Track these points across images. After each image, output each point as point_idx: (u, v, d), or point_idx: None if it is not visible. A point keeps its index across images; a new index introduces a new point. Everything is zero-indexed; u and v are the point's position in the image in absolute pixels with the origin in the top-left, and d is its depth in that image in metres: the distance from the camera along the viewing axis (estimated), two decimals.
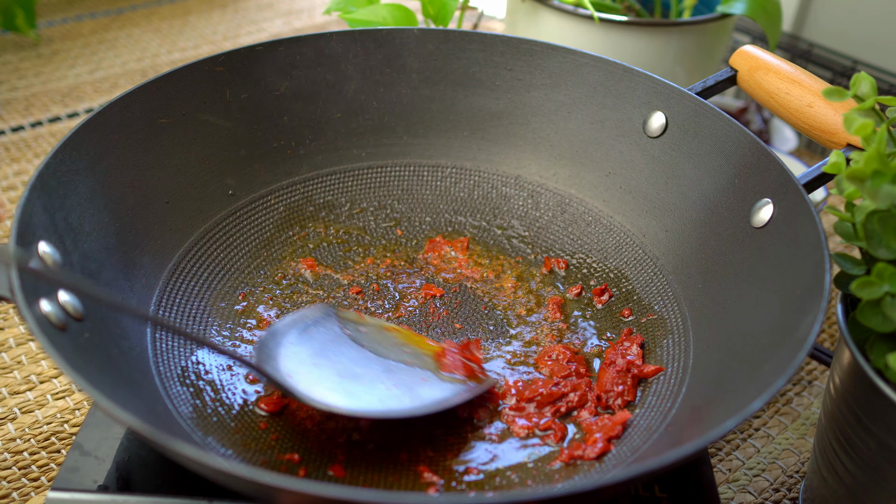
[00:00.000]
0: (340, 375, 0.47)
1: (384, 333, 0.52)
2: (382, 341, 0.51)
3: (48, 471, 0.53)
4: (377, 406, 0.46)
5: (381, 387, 0.47)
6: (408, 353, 0.51)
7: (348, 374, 0.48)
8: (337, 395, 0.46)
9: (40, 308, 0.40)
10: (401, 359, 0.50)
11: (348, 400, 0.46)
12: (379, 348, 0.51)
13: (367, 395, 0.47)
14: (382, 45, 0.63)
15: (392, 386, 0.48)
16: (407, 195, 0.65)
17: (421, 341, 0.53)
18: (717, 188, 0.55)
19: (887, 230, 0.41)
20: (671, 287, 0.56)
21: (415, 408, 0.47)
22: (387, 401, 0.46)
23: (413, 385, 0.48)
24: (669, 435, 0.46)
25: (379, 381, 0.48)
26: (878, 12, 0.97)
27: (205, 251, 0.57)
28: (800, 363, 0.39)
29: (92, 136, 0.51)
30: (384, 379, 0.48)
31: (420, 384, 0.48)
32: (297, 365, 0.47)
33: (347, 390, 0.46)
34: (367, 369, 0.49)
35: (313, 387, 0.46)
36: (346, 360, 0.49)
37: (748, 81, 0.58)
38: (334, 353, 0.49)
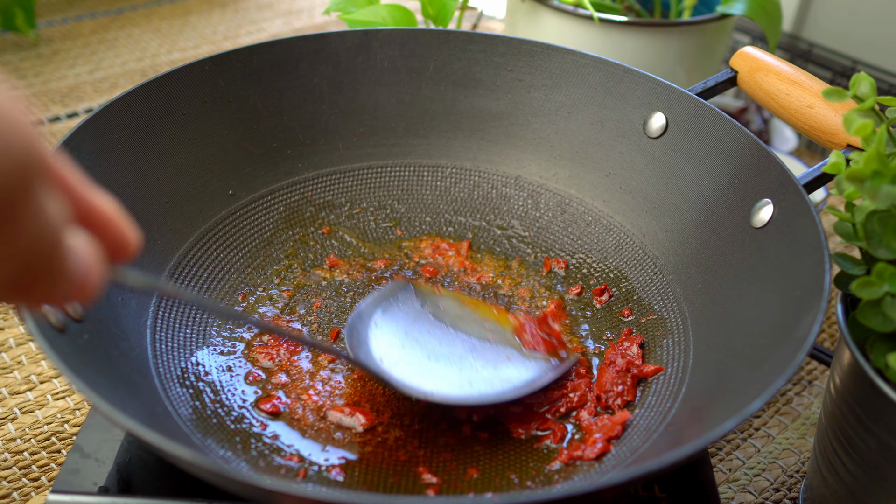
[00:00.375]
0: (429, 358, 0.48)
1: (463, 307, 0.53)
2: (462, 316, 0.52)
3: (48, 471, 0.53)
4: (468, 390, 0.47)
5: (469, 369, 0.48)
6: (489, 328, 0.51)
7: (436, 355, 0.48)
8: (429, 379, 0.46)
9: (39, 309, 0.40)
10: (483, 336, 0.51)
11: (438, 384, 0.46)
12: (461, 324, 0.51)
13: (457, 377, 0.47)
14: (382, 46, 0.63)
15: (479, 367, 0.48)
16: (407, 195, 0.65)
17: (500, 315, 0.53)
18: (718, 188, 0.55)
19: (887, 230, 0.41)
20: (671, 287, 0.56)
21: (505, 391, 0.47)
22: (476, 383, 0.47)
23: (498, 364, 0.49)
24: (669, 435, 0.46)
25: (466, 362, 0.48)
26: (878, 12, 0.96)
27: (205, 252, 0.57)
28: (799, 363, 0.39)
29: (91, 137, 0.51)
30: (471, 359, 0.48)
31: (505, 363, 0.49)
32: (386, 349, 0.48)
33: (437, 373, 0.47)
34: (453, 349, 0.49)
35: (405, 370, 0.47)
36: (431, 340, 0.49)
37: (748, 82, 0.58)
38: (419, 332, 0.50)
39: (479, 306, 0.53)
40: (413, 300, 0.52)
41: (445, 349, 0.49)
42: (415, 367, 0.47)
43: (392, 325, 0.50)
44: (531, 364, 0.49)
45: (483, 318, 0.52)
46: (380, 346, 0.48)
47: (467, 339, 0.50)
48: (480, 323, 0.51)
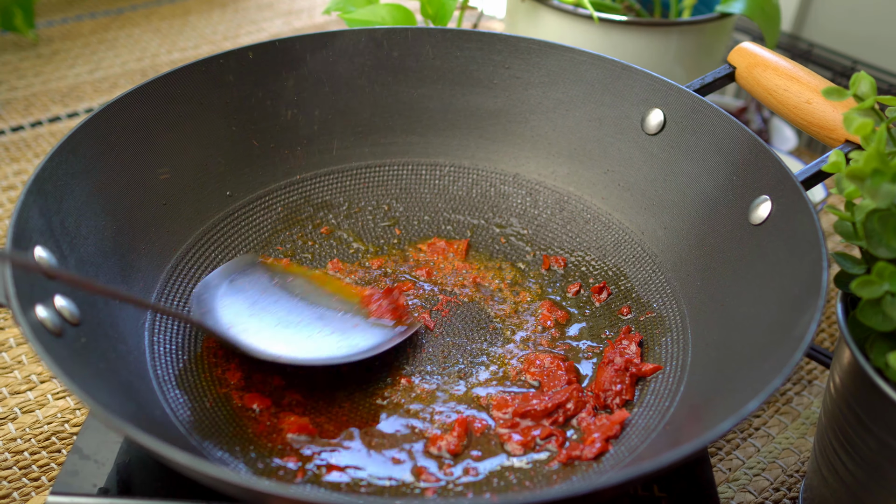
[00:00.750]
0: (277, 324, 0.50)
1: (311, 282, 0.55)
2: (310, 290, 0.54)
3: (49, 470, 0.53)
4: (316, 353, 0.48)
5: (316, 334, 0.50)
6: (336, 300, 0.53)
7: (284, 322, 0.50)
8: (279, 344, 0.48)
9: (36, 314, 0.40)
10: (331, 306, 0.53)
11: (288, 348, 0.48)
12: (309, 296, 0.53)
13: (305, 341, 0.49)
14: (381, 45, 0.63)
15: (328, 333, 0.50)
16: (405, 194, 0.65)
17: (347, 288, 0.55)
18: (716, 185, 0.55)
19: (887, 229, 0.41)
20: (670, 285, 0.56)
21: (350, 354, 0.49)
22: (324, 347, 0.49)
23: (346, 330, 0.51)
24: (668, 434, 0.46)
25: (314, 328, 0.50)
26: (878, 12, 0.96)
27: (203, 253, 0.57)
28: (797, 363, 0.39)
29: (90, 138, 0.51)
30: (319, 326, 0.51)
31: (352, 330, 0.51)
32: (234, 317, 0.50)
33: (286, 339, 0.49)
34: (301, 317, 0.51)
35: (254, 337, 0.48)
36: (279, 310, 0.51)
37: (746, 78, 0.58)
38: (267, 302, 0.52)
39: (327, 281, 0.56)
40: (262, 274, 0.54)
41: (294, 318, 0.51)
42: (264, 333, 0.49)
43: (239, 295, 0.52)
44: (377, 331, 0.52)
45: (331, 291, 0.55)
46: (228, 315, 0.50)
47: (315, 309, 0.52)
48: (328, 296, 0.54)
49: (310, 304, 0.53)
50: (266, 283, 0.53)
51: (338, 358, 0.49)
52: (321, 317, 0.52)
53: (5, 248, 0.41)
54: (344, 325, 0.52)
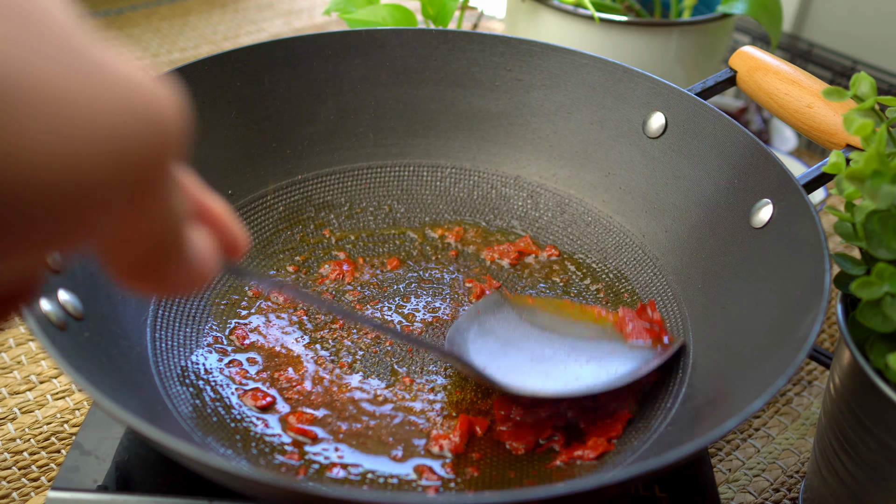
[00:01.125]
0: (532, 360, 0.49)
1: (559, 313, 0.54)
2: (560, 321, 0.53)
3: (48, 471, 0.53)
4: (575, 385, 0.47)
5: (573, 365, 0.49)
6: (587, 328, 0.52)
7: (539, 357, 0.49)
8: (535, 380, 0.47)
9: (40, 307, 0.40)
10: (583, 335, 0.52)
11: (546, 382, 0.47)
12: (559, 328, 0.52)
13: (562, 375, 0.48)
14: (382, 46, 0.63)
15: (584, 362, 0.49)
16: (406, 195, 0.65)
17: (595, 313, 0.54)
18: (717, 188, 0.55)
19: (887, 230, 0.41)
20: (671, 287, 0.56)
21: (610, 381, 0.48)
22: (583, 377, 0.48)
23: (602, 357, 0.50)
24: (669, 435, 0.46)
25: (570, 360, 0.49)
26: (878, 12, 0.97)
27: None
28: (800, 363, 0.39)
29: None
30: (574, 356, 0.50)
31: (609, 357, 0.50)
32: (488, 359, 0.49)
33: (543, 373, 0.48)
34: (554, 349, 0.50)
35: (510, 375, 0.47)
36: (532, 345, 0.51)
37: (747, 82, 0.58)
38: (519, 339, 0.51)
39: (573, 309, 0.54)
40: (508, 311, 0.53)
41: (547, 352, 0.50)
42: (518, 370, 0.48)
43: (490, 336, 0.51)
44: (635, 353, 0.50)
45: (579, 319, 0.53)
46: (481, 357, 0.49)
47: (567, 341, 0.51)
48: (578, 325, 0.53)
49: (561, 336, 0.52)
50: (515, 321, 0.52)
51: (599, 386, 0.47)
52: (574, 347, 0.51)
53: None
54: (600, 353, 0.50)
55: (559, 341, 0.51)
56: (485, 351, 0.49)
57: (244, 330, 0.54)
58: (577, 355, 0.50)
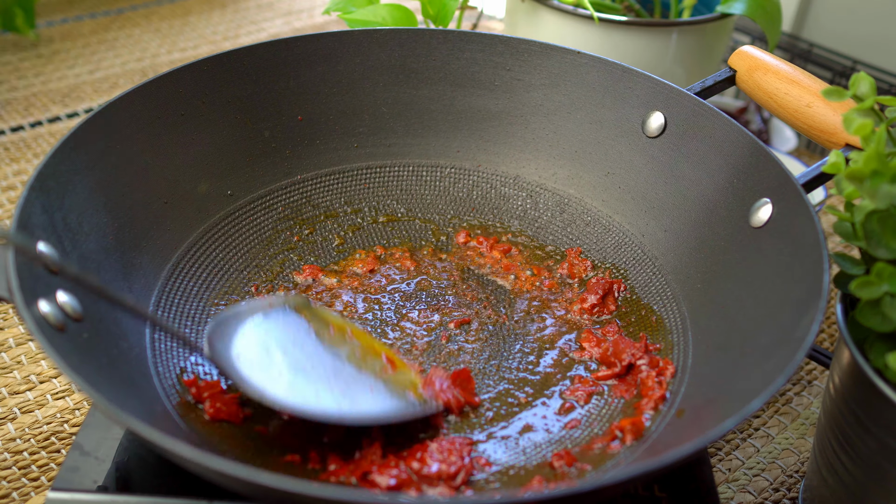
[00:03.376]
0: (289, 367, 0.47)
1: (352, 338, 0.51)
2: (346, 344, 0.50)
3: (48, 471, 0.53)
4: (313, 403, 0.45)
5: (323, 386, 0.47)
6: (369, 360, 0.50)
7: (296, 366, 0.47)
8: (277, 386, 0.45)
9: (39, 308, 0.40)
10: (357, 364, 0.49)
11: (286, 392, 0.45)
12: (339, 350, 0.50)
13: (305, 390, 0.46)
14: (382, 46, 0.63)
15: (336, 389, 0.47)
16: (406, 195, 0.65)
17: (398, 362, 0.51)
18: (716, 188, 0.55)
19: (886, 230, 0.41)
20: (670, 287, 0.56)
21: (347, 415, 0.45)
22: (324, 400, 0.46)
23: (357, 393, 0.47)
24: (669, 435, 0.46)
25: (324, 381, 0.47)
26: (878, 12, 0.96)
27: (203, 252, 0.57)
28: (799, 363, 0.39)
29: (91, 136, 0.51)
30: (331, 380, 0.47)
31: (365, 393, 0.47)
32: (247, 347, 0.47)
33: (290, 383, 0.46)
34: (318, 367, 0.48)
35: (254, 372, 0.46)
36: (299, 354, 0.48)
37: (747, 82, 0.58)
38: (291, 343, 0.49)
39: (372, 344, 0.52)
40: (299, 316, 0.51)
41: (309, 364, 0.48)
42: (268, 371, 0.46)
43: (266, 328, 0.49)
44: (393, 402, 0.47)
45: (370, 351, 0.51)
46: (241, 344, 0.47)
47: (338, 363, 0.49)
48: (364, 354, 0.50)
49: (335, 357, 0.49)
50: (300, 325, 0.50)
51: (328, 415, 0.45)
52: (338, 372, 0.48)
53: (9, 231, 0.41)
54: (359, 387, 0.47)
55: (329, 362, 0.48)
56: (251, 340, 0.47)
57: None
58: (335, 379, 0.47)
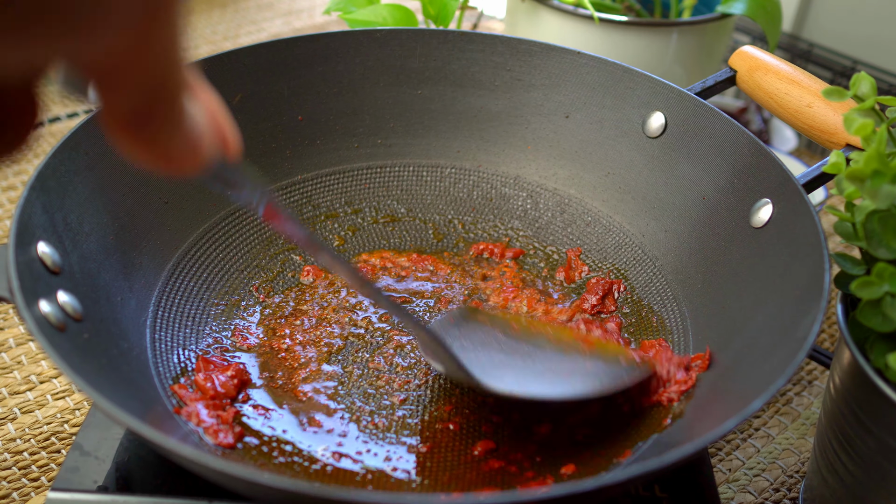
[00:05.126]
0: (509, 368, 0.49)
1: (538, 329, 0.53)
2: (537, 336, 0.52)
3: (48, 471, 0.53)
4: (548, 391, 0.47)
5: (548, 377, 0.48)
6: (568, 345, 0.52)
7: (513, 366, 0.49)
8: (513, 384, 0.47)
9: (39, 308, 0.40)
10: (561, 349, 0.51)
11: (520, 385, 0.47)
12: (536, 341, 0.52)
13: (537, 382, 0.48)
14: (382, 46, 0.63)
15: (560, 374, 0.49)
16: (406, 195, 0.65)
17: (571, 333, 0.53)
18: (717, 188, 0.55)
19: (887, 230, 0.41)
20: (671, 287, 0.56)
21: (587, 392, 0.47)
22: (558, 385, 0.48)
23: (578, 373, 0.49)
24: (669, 435, 0.46)
25: (544, 372, 0.49)
26: (878, 12, 0.97)
27: (204, 252, 0.57)
28: (800, 363, 0.39)
29: (91, 136, 0.51)
30: (549, 369, 0.49)
31: (584, 370, 0.49)
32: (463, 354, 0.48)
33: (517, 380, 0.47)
34: (530, 360, 0.50)
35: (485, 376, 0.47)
36: (503, 355, 0.50)
37: (747, 82, 0.58)
38: (491, 346, 0.50)
39: (556, 328, 0.54)
40: (477, 322, 0.52)
41: (521, 360, 0.50)
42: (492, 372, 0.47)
43: (465, 340, 0.50)
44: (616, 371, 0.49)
45: (552, 335, 0.53)
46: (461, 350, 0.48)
47: (544, 353, 0.51)
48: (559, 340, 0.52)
49: (538, 349, 0.51)
50: (486, 329, 0.52)
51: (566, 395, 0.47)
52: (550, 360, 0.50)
53: (8, 246, 0.41)
54: (575, 366, 0.49)
55: (533, 350, 0.51)
56: (461, 352, 0.49)
57: (244, 331, 0.54)
58: (545, 363, 0.49)
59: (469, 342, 0.50)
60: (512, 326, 0.52)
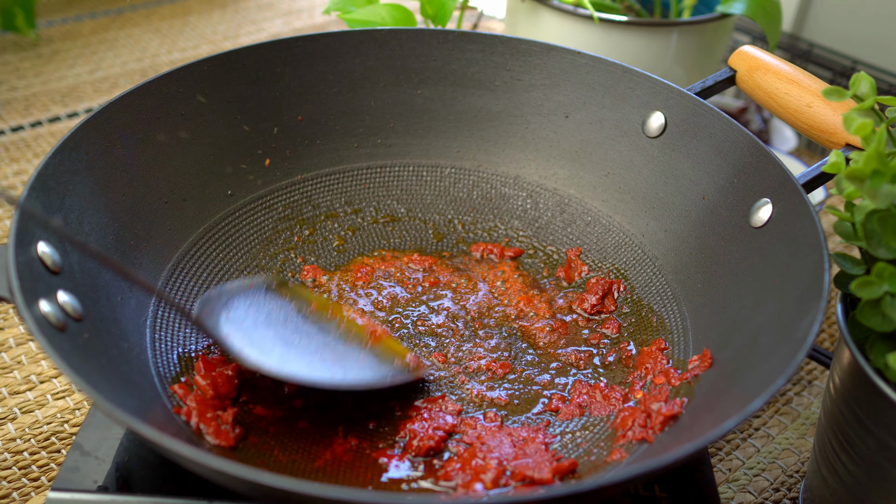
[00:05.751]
0: (280, 341, 0.48)
1: (334, 315, 0.53)
2: (328, 319, 0.52)
3: (48, 471, 0.53)
4: (305, 373, 0.47)
5: (316, 357, 0.49)
6: (351, 335, 0.52)
7: (286, 340, 0.49)
8: (269, 359, 0.46)
9: (39, 308, 0.40)
10: (343, 337, 0.51)
11: (280, 363, 0.46)
12: (323, 324, 0.52)
13: (297, 361, 0.48)
14: (381, 46, 0.63)
15: (326, 360, 0.49)
16: (406, 195, 0.65)
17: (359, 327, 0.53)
18: (717, 188, 0.55)
19: (887, 230, 0.41)
20: (670, 287, 0.56)
21: (342, 381, 0.47)
22: (317, 371, 0.47)
23: (347, 362, 0.49)
24: (669, 435, 0.46)
25: (315, 352, 0.49)
26: (878, 12, 0.97)
27: (204, 252, 0.57)
28: (799, 363, 0.39)
29: (91, 136, 0.51)
30: (321, 350, 0.49)
31: (355, 362, 0.49)
32: (236, 324, 0.48)
33: (282, 356, 0.47)
34: (306, 340, 0.50)
35: (247, 348, 0.46)
36: (285, 329, 0.50)
37: (747, 81, 0.58)
38: (277, 320, 0.50)
39: (353, 318, 0.54)
40: (280, 295, 0.52)
41: (297, 338, 0.49)
42: (261, 345, 0.47)
43: (251, 309, 0.50)
44: (382, 367, 0.50)
45: (351, 328, 0.53)
46: (230, 325, 0.48)
47: (324, 336, 0.51)
48: (345, 327, 0.52)
49: (320, 331, 0.51)
50: (284, 304, 0.52)
51: (324, 382, 0.47)
52: (326, 344, 0.50)
53: (8, 244, 0.41)
54: (349, 356, 0.50)
55: (315, 335, 0.50)
56: (238, 320, 0.49)
57: None
58: (324, 350, 0.49)
59: (253, 313, 0.50)
60: (310, 307, 0.52)
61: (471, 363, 0.53)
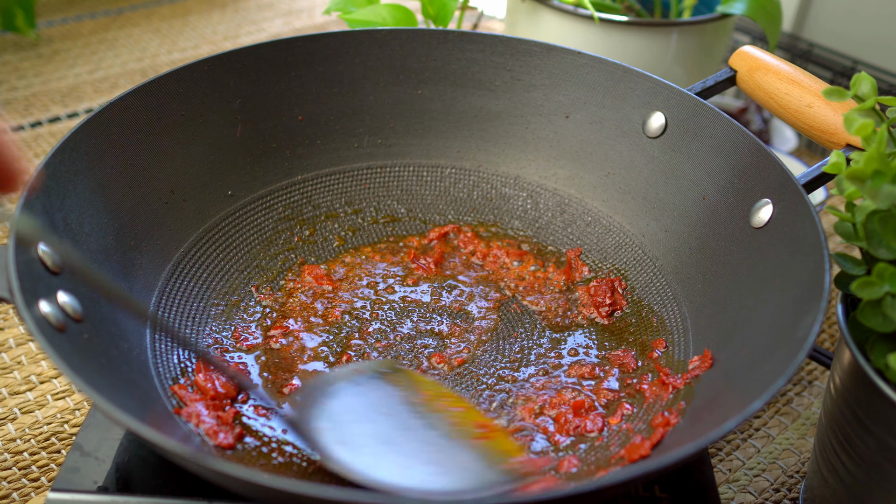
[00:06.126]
0: (377, 439, 0.44)
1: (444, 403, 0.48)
2: (436, 410, 0.47)
3: (48, 471, 0.53)
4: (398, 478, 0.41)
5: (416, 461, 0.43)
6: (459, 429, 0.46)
7: (384, 438, 0.44)
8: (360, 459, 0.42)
9: (39, 309, 0.40)
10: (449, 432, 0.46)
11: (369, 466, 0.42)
12: (430, 416, 0.46)
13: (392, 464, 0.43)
14: (382, 46, 0.63)
15: (428, 461, 0.43)
16: (407, 195, 0.65)
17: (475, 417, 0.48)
18: (717, 188, 0.55)
19: (887, 230, 0.41)
20: (671, 287, 0.56)
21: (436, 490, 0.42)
22: (412, 476, 0.42)
23: (450, 463, 0.43)
24: (669, 435, 0.46)
25: (414, 454, 0.44)
26: (878, 12, 0.96)
27: (204, 252, 0.57)
28: (800, 363, 0.39)
29: (91, 137, 0.51)
30: (422, 451, 0.44)
31: (455, 464, 0.43)
32: (332, 422, 0.44)
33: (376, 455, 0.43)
34: (407, 437, 0.44)
35: (337, 445, 0.43)
36: (387, 424, 0.45)
37: (747, 82, 0.58)
38: (378, 414, 0.46)
39: (464, 407, 0.48)
40: (387, 382, 0.48)
41: (398, 434, 0.45)
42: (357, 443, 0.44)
43: (354, 397, 0.46)
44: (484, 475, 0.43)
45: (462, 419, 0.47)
46: (329, 415, 0.45)
47: (428, 432, 0.45)
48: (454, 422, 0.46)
49: (426, 426, 0.45)
50: (390, 393, 0.47)
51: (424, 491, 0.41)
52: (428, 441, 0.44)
53: (7, 244, 0.41)
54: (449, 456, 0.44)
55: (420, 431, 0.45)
56: (336, 411, 0.45)
57: (244, 331, 0.54)
58: (424, 453, 0.44)
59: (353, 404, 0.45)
60: (420, 396, 0.47)
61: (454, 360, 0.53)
